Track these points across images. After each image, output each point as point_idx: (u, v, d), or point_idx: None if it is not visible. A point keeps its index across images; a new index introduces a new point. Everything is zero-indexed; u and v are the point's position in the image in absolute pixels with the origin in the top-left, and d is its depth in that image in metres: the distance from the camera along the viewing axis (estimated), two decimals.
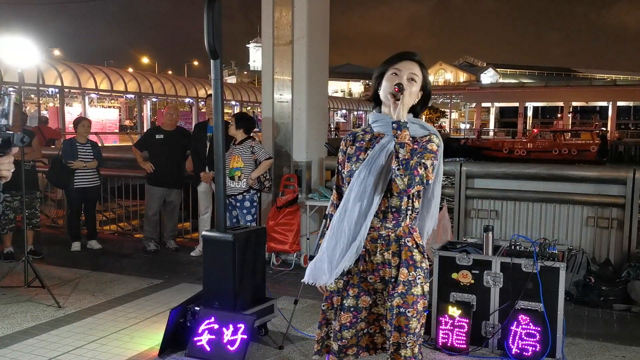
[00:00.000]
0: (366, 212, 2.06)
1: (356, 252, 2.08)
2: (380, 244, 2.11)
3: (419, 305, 2.10)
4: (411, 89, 2.08)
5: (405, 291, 2.08)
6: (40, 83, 19.60)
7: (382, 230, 2.11)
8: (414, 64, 2.12)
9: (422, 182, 1.96)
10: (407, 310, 2.08)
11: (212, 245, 3.53)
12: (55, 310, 4.18)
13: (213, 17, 3.32)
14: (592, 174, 5.06)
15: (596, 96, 47.79)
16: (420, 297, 2.10)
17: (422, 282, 2.12)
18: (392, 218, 2.11)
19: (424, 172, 1.96)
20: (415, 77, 2.11)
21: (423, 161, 1.98)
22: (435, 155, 2.05)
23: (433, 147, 2.05)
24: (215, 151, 3.53)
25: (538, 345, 3.35)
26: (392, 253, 2.11)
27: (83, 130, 6.18)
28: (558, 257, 3.45)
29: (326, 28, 5.81)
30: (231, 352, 3.25)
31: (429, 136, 2.08)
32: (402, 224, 2.12)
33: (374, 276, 2.15)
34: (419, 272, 2.11)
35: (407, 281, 2.09)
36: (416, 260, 2.11)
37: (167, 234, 6.42)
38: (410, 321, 2.09)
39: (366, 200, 2.06)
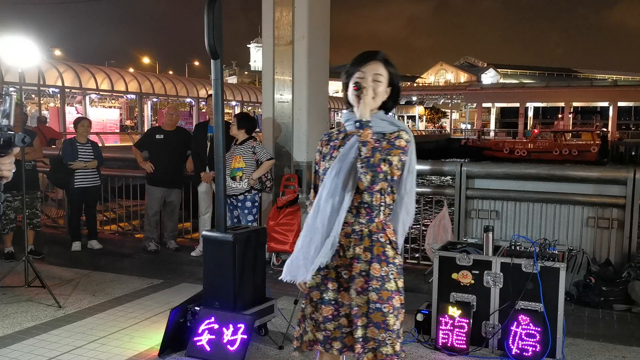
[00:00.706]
0: (338, 209, 2.12)
1: (331, 247, 2.13)
2: (353, 238, 2.16)
3: (395, 301, 2.14)
4: (377, 88, 2.15)
5: (379, 286, 2.12)
6: (41, 83, 19.62)
7: (356, 225, 2.16)
8: (377, 64, 2.18)
9: (386, 178, 2.04)
10: (383, 306, 2.12)
11: (212, 245, 3.53)
12: (55, 310, 4.19)
13: (213, 17, 3.32)
14: (592, 175, 5.06)
15: (597, 97, 47.76)
16: (395, 292, 2.14)
17: (396, 278, 2.16)
18: (365, 214, 2.15)
19: (387, 168, 2.02)
20: (379, 77, 2.16)
21: (388, 158, 2.04)
22: (404, 150, 2.09)
23: (401, 143, 2.10)
24: (216, 151, 3.53)
25: (538, 346, 3.35)
26: (364, 248, 2.15)
27: (83, 130, 6.18)
28: (558, 257, 3.45)
29: (327, 28, 5.81)
30: (231, 352, 3.25)
31: (398, 132, 2.13)
32: (376, 219, 2.16)
33: (347, 271, 2.18)
34: (391, 267, 2.15)
35: (380, 276, 2.13)
36: (388, 256, 2.15)
37: (167, 234, 6.42)
38: (387, 317, 2.13)
39: (338, 197, 2.12)
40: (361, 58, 2.19)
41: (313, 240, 2.13)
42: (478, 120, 52.32)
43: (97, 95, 25.29)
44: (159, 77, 27.09)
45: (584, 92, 48.28)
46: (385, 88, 2.18)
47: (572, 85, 51.63)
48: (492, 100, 52.50)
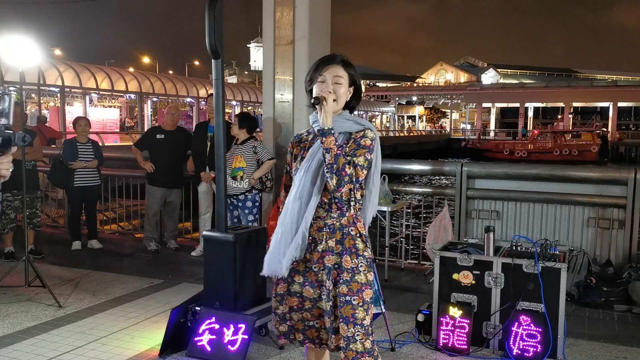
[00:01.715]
0: (306, 206, 2.21)
1: (302, 241, 2.21)
2: (325, 232, 2.24)
3: (364, 294, 2.20)
4: (338, 90, 2.25)
5: (349, 278, 2.20)
6: (41, 83, 19.60)
7: (328, 219, 2.25)
8: (336, 67, 2.28)
9: (352, 180, 2.14)
10: (353, 299, 2.18)
11: (213, 245, 3.53)
12: (55, 310, 4.18)
13: (214, 17, 3.32)
14: (593, 175, 5.05)
15: (597, 97, 47.76)
16: (364, 285, 2.21)
17: (365, 271, 2.23)
18: (337, 208, 2.24)
19: (352, 171, 2.12)
20: (339, 80, 2.26)
21: (354, 159, 2.14)
22: (369, 149, 2.19)
23: (366, 142, 2.20)
24: (216, 151, 3.53)
25: (539, 346, 3.35)
26: (336, 241, 2.23)
27: (81, 129, 6.18)
28: (559, 258, 3.44)
29: (327, 28, 5.81)
30: (232, 352, 3.24)
31: (363, 131, 2.23)
32: (347, 214, 2.25)
33: (318, 264, 2.25)
34: (360, 259, 2.23)
35: (350, 269, 2.21)
36: (358, 249, 2.23)
37: (167, 234, 6.42)
38: (356, 310, 2.18)
39: (306, 195, 2.21)
40: (321, 62, 2.30)
41: (283, 236, 2.23)
42: (478, 121, 52.32)
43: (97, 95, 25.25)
44: (159, 77, 27.06)
45: (584, 92, 48.27)
46: (346, 89, 2.29)
47: (572, 86, 51.62)
48: (492, 100, 52.49)
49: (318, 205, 2.23)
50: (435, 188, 6.27)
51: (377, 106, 48.61)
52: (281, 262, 2.23)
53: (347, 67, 2.30)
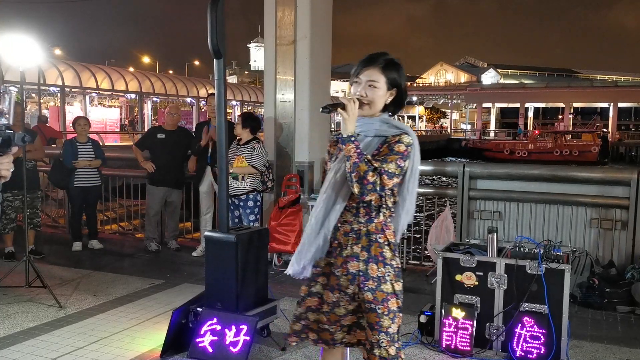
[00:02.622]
0: (331, 209, 2.17)
1: (322, 242, 2.18)
2: (351, 237, 2.18)
3: (390, 303, 2.14)
4: (372, 94, 2.18)
5: (374, 287, 2.14)
6: (42, 82, 19.58)
7: (355, 224, 2.18)
8: (374, 70, 2.19)
9: (375, 189, 2.05)
10: (378, 307, 2.13)
11: (214, 245, 3.51)
12: (56, 311, 4.16)
13: (217, 16, 3.30)
14: (596, 175, 5.04)
15: (597, 97, 47.74)
16: (390, 294, 2.15)
17: (392, 280, 2.16)
18: (365, 213, 2.17)
19: (376, 179, 2.04)
20: (374, 83, 2.18)
21: (383, 166, 2.06)
22: (403, 155, 2.11)
23: (400, 148, 2.11)
24: (218, 151, 3.51)
25: (542, 348, 3.33)
26: (362, 247, 2.16)
27: (81, 129, 6.16)
28: (563, 259, 3.43)
29: (329, 28, 5.79)
30: (233, 354, 3.22)
31: (399, 136, 2.14)
32: (375, 220, 2.17)
33: (342, 269, 2.19)
34: (388, 269, 2.16)
35: (376, 277, 2.14)
36: (386, 257, 2.16)
37: (168, 234, 6.40)
38: (382, 319, 2.13)
39: (334, 197, 2.17)
40: (359, 63, 2.24)
41: (309, 237, 2.20)
42: (478, 121, 52.30)
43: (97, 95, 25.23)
44: (159, 77, 27.04)
45: (584, 93, 48.25)
46: (383, 93, 2.20)
47: (572, 86, 51.59)
48: (492, 100, 52.48)
49: (346, 209, 2.17)
50: (437, 188, 6.25)
51: None
52: (299, 262, 2.21)
53: (387, 70, 2.19)
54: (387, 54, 2.24)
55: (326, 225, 2.17)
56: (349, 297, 2.18)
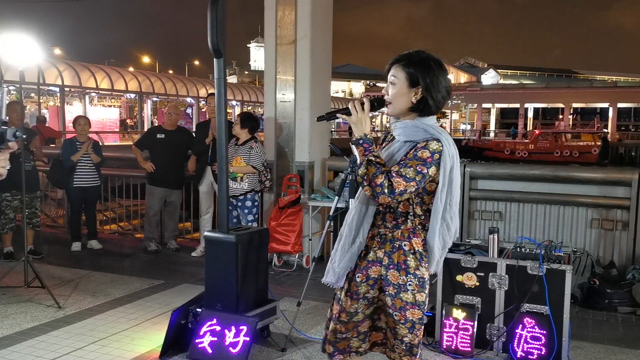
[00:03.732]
0: (365, 214, 2.12)
1: (357, 250, 2.12)
2: (376, 241, 2.12)
3: (408, 313, 2.06)
4: (392, 91, 2.11)
5: (394, 294, 2.07)
6: (41, 82, 19.57)
7: (382, 228, 2.12)
8: (396, 67, 2.10)
9: (384, 192, 1.94)
10: (395, 314, 2.08)
11: (214, 246, 3.49)
12: (55, 311, 4.14)
13: (217, 15, 3.28)
14: (597, 176, 5.03)
15: (597, 98, 47.73)
16: (410, 304, 2.06)
17: (415, 290, 2.06)
18: (392, 219, 2.10)
19: (384, 181, 1.94)
20: (393, 80, 2.10)
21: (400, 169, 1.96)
22: (426, 162, 1.98)
23: (424, 154, 1.99)
24: (218, 151, 3.50)
25: (543, 349, 3.31)
26: (385, 252, 2.09)
27: (80, 128, 6.14)
28: (564, 259, 3.41)
29: (329, 27, 5.78)
30: (233, 355, 3.21)
31: (427, 142, 2.01)
32: (402, 226, 2.09)
33: (362, 275, 2.13)
34: (410, 278, 2.06)
35: (397, 284, 2.06)
36: (409, 266, 2.06)
37: (168, 234, 6.38)
38: (397, 326, 2.08)
39: (366, 203, 2.12)
40: (389, 63, 2.14)
41: (343, 244, 2.14)
42: (478, 121, 52.29)
43: (96, 94, 25.22)
44: (159, 77, 27.04)
45: (584, 93, 48.24)
46: (401, 90, 2.08)
47: (572, 86, 51.55)
48: (492, 100, 52.45)
49: (375, 213, 2.11)
50: None
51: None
52: (334, 270, 2.15)
53: (409, 66, 2.06)
54: (419, 51, 2.11)
55: (362, 233, 2.11)
56: (368, 302, 2.13)
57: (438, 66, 2.08)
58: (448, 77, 2.13)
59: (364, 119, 2.06)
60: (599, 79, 70.88)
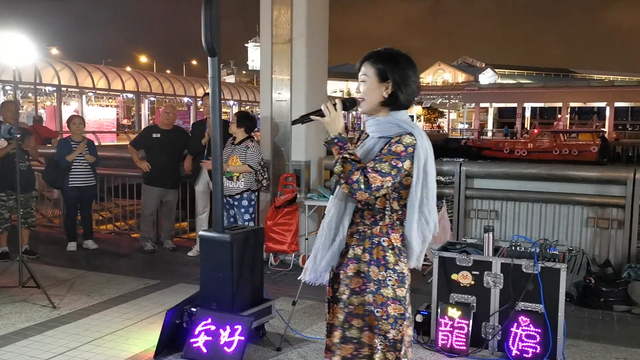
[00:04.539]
0: (344, 212, 2.13)
1: (338, 249, 2.14)
2: (355, 238, 2.14)
3: (390, 308, 2.08)
4: (361, 88, 2.15)
5: (375, 290, 2.09)
6: (38, 82, 19.53)
7: (361, 226, 2.13)
8: (366, 64, 2.15)
9: (361, 188, 1.97)
10: (376, 310, 2.08)
11: (209, 245, 3.48)
12: (50, 311, 4.13)
13: (211, 14, 3.28)
14: (592, 175, 5.03)
15: (594, 97, 47.83)
16: (391, 300, 2.08)
17: (395, 285, 2.09)
18: (370, 216, 2.12)
19: (359, 177, 1.97)
20: (363, 77, 2.15)
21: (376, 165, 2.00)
22: (400, 156, 2.01)
23: (398, 149, 2.02)
24: (213, 150, 3.49)
25: (538, 347, 3.32)
26: (364, 249, 2.11)
27: (75, 127, 6.12)
28: (559, 258, 3.41)
29: (325, 26, 5.77)
30: (228, 354, 3.20)
31: (401, 136, 2.05)
32: (381, 223, 2.11)
33: (343, 272, 2.15)
34: (390, 273, 2.08)
35: (377, 280, 2.09)
36: (388, 261, 2.09)
37: (164, 234, 6.37)
38: (380, 322, 2.09)
39: (344, 201, 2.13)
40: (358, 63, 2.19)
41: (322, 244, 2.16)
42: (476, 120, 52.36)
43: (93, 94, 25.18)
44: (157, 76, 27.02)
45: (582, 93, 48.34)
46: (372, 86, 2.12)
47: (569, 86, 51.67)
48: (490, 100, 52.53)
49: (354, 210, 2.13)
50: None
51: None
52: (315, 269, 2.17)
53: (378, 62, 2.11)
54: (388, 48, 2.16)
55: (341, 231, 2.13)
56: (343, 304, 2.15)
57: (406, 61, 2.12)
58: (417, 72, 2.18)
59: (337, 118, 2.10)
60: (596, 78, 71.02)
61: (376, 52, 2.15)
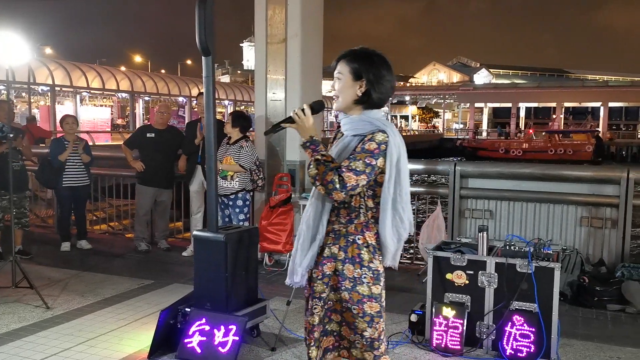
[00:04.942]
0: (321, 212, 2.15)
1: (317, 248, 2.15)
2: (330, 237, 2.16)
3: (366, 306, 2.10)
4: (336, 86, 2.18)
5: (350, 287, 2.11)
6: (32, 81, 19.42)
7: (336, 224, 2.16)
8: (341, 63, 2.18)
9: (336, 188, 2.00)
10: (353, 307, 2.11)
11: (203, 245, 3.47)
12: (43, 312, 4.11)
13: (205, 14, 3.27)
14: (586, 174, 5.05)
15: (588, 97, 48.08)
16: (366, 297, 2.10)
17: (370, 283, 2.11)
18: (346, 214, 2.14)
19: (334, 177, 1.99)
20: (339, 76, 2.17)
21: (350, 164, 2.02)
22: (373, 154, 2.04)
23: (371, 146, 2.04)
24: (207, 149, 3.48)
25: (532, 346, 3.32)
26: (339, 247, 2.14)
27: (68, 127, 6.09)
28: (553, 257, 3.42)
29: (320, 26, 5.76)
30: (222, 354, 3.19)
31: (373, 134, 2.07)
32: (356, 221, 2.13)
33: (318, 270, 2.17)
34: (365, 270, 2.11)
35: (352, 277, 2.11)
36: (363, 259, 2.11)
37: (158, 234, 6.35)
38: (357, 320, 2.11)
39: (321, 200, 2.15)
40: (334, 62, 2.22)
41: (302, 244, 2.17)
42: (471, 120, 52.52)
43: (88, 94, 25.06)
44: (151, 76, 26.91)
45: (576, 93, 48.58)
46: (347, 84, 2.15)
47: (564, 86, 51.93)
48: (485, 100, 52.71)
49: (331, 210, 2.15)
50: (428, 187, 6.25)
51: None
52: (296, 270, 2.18)
53: (352, 60, 2.14)
54: (363, 48, 2.19)
55: (320, 230, 2.14)
56: (322, 302, 2.17)
57: (381, 61, 2.15)
58: (392, 72, 2.19)
59: (307, 122, 2.12)
60: (590, 78, 71.38)
61: (352, 51, 2.18)
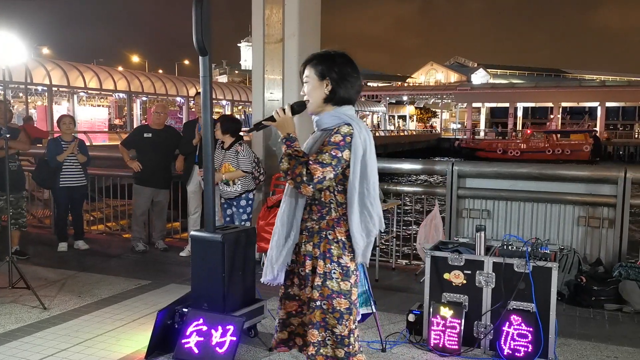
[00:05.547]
0: (295, 208, 2.20)
1: (292, 245, 2.20)
2: (304, 235, 2.20)
3: (335, 302, 2.12)
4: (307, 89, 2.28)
5: (320, 283, 2.14)
6: (29, 81, 19.38)
7: (309, 222, 2.19)
8: (307, 67, 2.27)
9: (304, 181, 2.05)
10: (323, 303, 2.13)
11: (200, 245, 3.47)
12: (40, 312, 4.10)
13: (202, 13, 3.27)
14: (583, 174, 5.05)
15: (586, 97, 48.18)
16: (335, 293, 2.13)
17: (339, 278, 2.14)
18: (317, 211, 2.18)
19: (302, 170, 2.06)
20: (306, 79, 2.29)
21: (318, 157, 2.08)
22: (338, 146, 2.10)
23: (336, 139, 2.12)
24: (204, 149, 3.47)
25: (530, 346, 3.33)
26: (313, 244, 2.17)
27: (65, 127, 6.08)
28: (550, 257, 3.42)
29: (317, 26, 5.76)
30: (220, 354, 3.18)
31: (339, 127, 2.15)
32: (327, 217, 2.17)
33: (304, 267, 2.21)
34: (334, 266, 2.14)
35: (322, 273, 2.14)
36: (333, 254, 2.14)
37: (155, 234, 6.34)
38: (327, 315, 2.12)
39: (295, 197, 2.20)
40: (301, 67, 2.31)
41: (277, 242, 2.22)
42: (468, 120, 52.56)
43: (85, 94, 25.02)
44: (149, 76, 26.88)
45: (573, 93, 48.68)
46: (314, 86, 2.24)
47: (561, 86, 52.02)
48: (482, 100, 52.78)
49: (303, 207, 2.20)
50: (426, 187, 6.24)
51: (367, 106, 48.83)
52: (272, 268, 2.21)
53: (316, 63, 2.24)
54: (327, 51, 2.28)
55: (295, 226, 2.18)
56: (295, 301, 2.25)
57: (343, 59, 2.24)
58: (356, 69, 2.27)
59: (286, 121, 2.23)
60: (587, 78, 71.58)
61: (316, 55, 2.27)
